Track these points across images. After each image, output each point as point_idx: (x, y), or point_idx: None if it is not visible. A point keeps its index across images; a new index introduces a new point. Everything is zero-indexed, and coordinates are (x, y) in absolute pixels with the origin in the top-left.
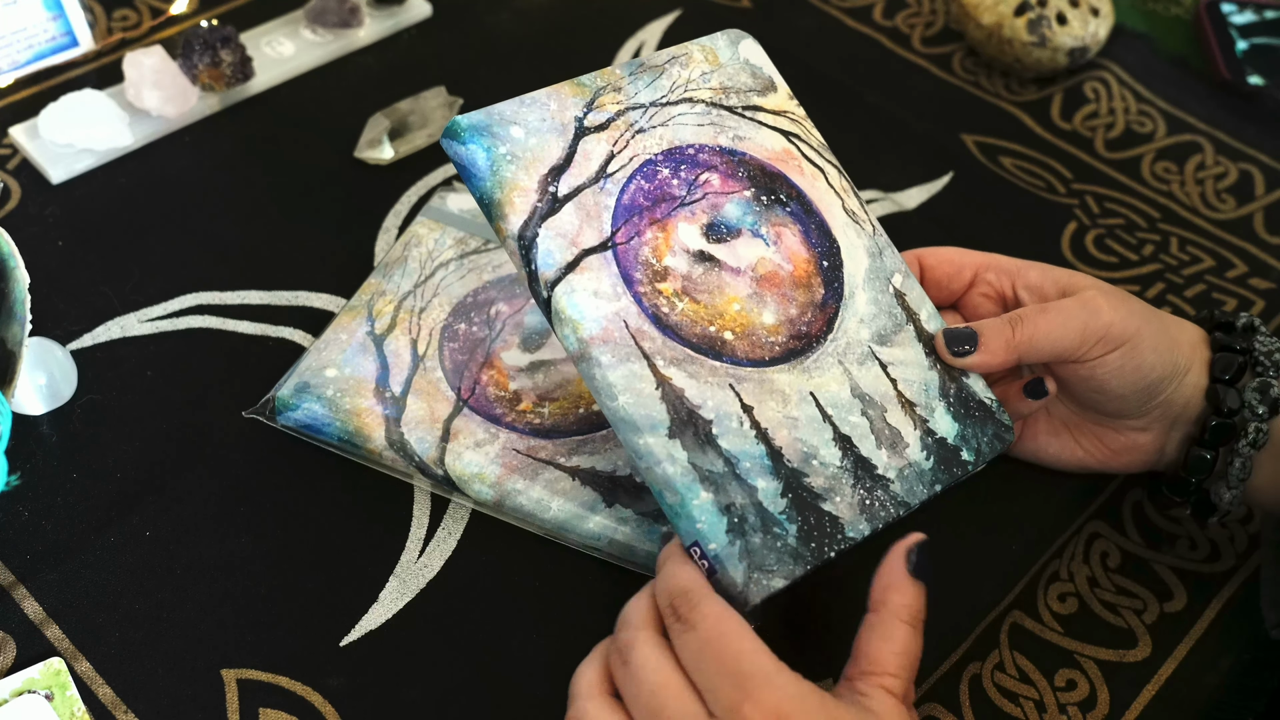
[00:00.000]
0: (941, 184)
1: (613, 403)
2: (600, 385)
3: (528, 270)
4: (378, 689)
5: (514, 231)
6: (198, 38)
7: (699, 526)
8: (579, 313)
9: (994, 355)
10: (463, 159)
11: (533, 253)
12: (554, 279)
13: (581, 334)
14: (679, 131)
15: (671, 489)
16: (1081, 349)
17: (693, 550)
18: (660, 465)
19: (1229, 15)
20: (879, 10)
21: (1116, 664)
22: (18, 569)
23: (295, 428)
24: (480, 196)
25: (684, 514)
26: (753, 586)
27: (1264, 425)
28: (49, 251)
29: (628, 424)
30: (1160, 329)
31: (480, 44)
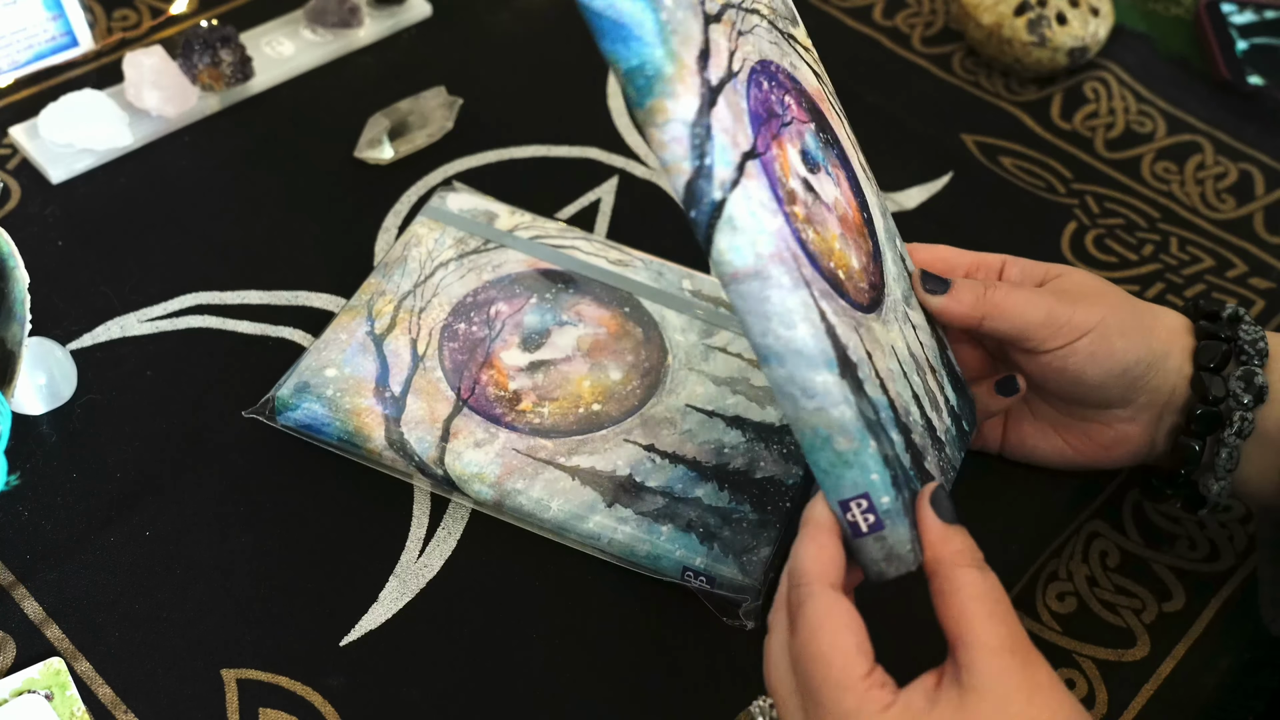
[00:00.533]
0: (941, 184)
1: (789, 331)
2: (776, 310)
3: (697, 164)
4: (378, 689)
5: (688, 116)
6: (198, 38)
7: (873, 478)
8: (758, 223)
9: (959, 304)
10: (624, 15)
11: (709, 145)
12: (731, 179)
13: (761, 249)
14: (760, 44)
15: (847, 434)
16: (1045, 330)
17: (856, 504)
18: (838, 407)
19: (1229, 15)
20: (879, 10)
21: (1115, 663)
22: (18, 569)
23: (295, 427)
24: (640, 65)
25: (858, 463)
26: (916, 547)
27: (1249, 414)
28: (49, 251)
29: (803, 358)
30: (1131, 315)
31: (480, 44)
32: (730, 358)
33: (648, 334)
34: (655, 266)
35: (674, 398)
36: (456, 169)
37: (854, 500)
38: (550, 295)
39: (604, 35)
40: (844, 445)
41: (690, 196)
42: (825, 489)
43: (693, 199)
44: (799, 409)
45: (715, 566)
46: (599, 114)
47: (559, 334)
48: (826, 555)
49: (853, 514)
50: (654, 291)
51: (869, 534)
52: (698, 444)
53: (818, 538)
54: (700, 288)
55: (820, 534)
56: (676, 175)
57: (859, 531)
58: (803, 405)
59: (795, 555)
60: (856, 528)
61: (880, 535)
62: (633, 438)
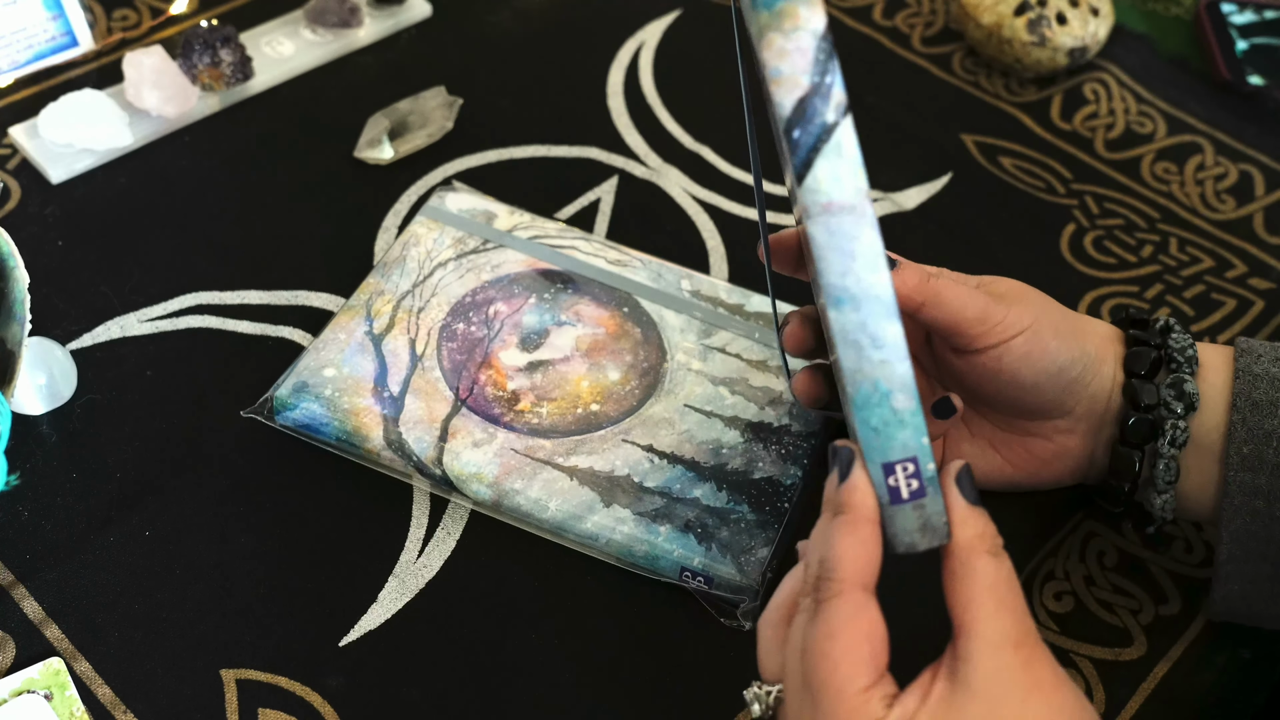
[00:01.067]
0: (941, 184)
1: (873, 275)
2: (864, 250)
3: (817, 80)
4: (377, 689)
5: (818, 28)
6: (198, 38)
7: (923, 441)
8: (857, 159)
9: (904, 285)
10: None
11: (831, 64)
12: (846, 104)
13: (861, 182)
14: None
15: (907, 392)
16: (980, 327)
17: (902, 467)
18: (903, 361)
19: (1229, 15)
20: (879, 10)
21: (1112, 663)
22: (18, 569)
23: (293, 427)
24: None
25: (913, 424)
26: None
27: (1181, 423)
28: (49, 251)
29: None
30: (1063, 318)
31: (480, 44)
32: (729, 358)
33: (646, 334)
34: (654, 267)
35: (672, 398)
36: (456, 169)
37: (900, 463)
38: (549, 295)
39: None
40: (902, 403)
41: (800, 114)
42: (870, 449)
43: (802, 117)
44: (863, 359)
45: (713, 567)
46: (599, 114)
47: (557, 334)
48: (867, 554)
49: (896, 478)
50: (653, 292)
51: (909, 501)
52: (696, 444)
53: (859, 530)
54: (699, 288)
55: (862, 526)
56: (790, 89)
57: (898, 498)
58: (869, 355)
59: (833, 544)
60: (897, 493)
61: (920, 503)
62: (631, 438)
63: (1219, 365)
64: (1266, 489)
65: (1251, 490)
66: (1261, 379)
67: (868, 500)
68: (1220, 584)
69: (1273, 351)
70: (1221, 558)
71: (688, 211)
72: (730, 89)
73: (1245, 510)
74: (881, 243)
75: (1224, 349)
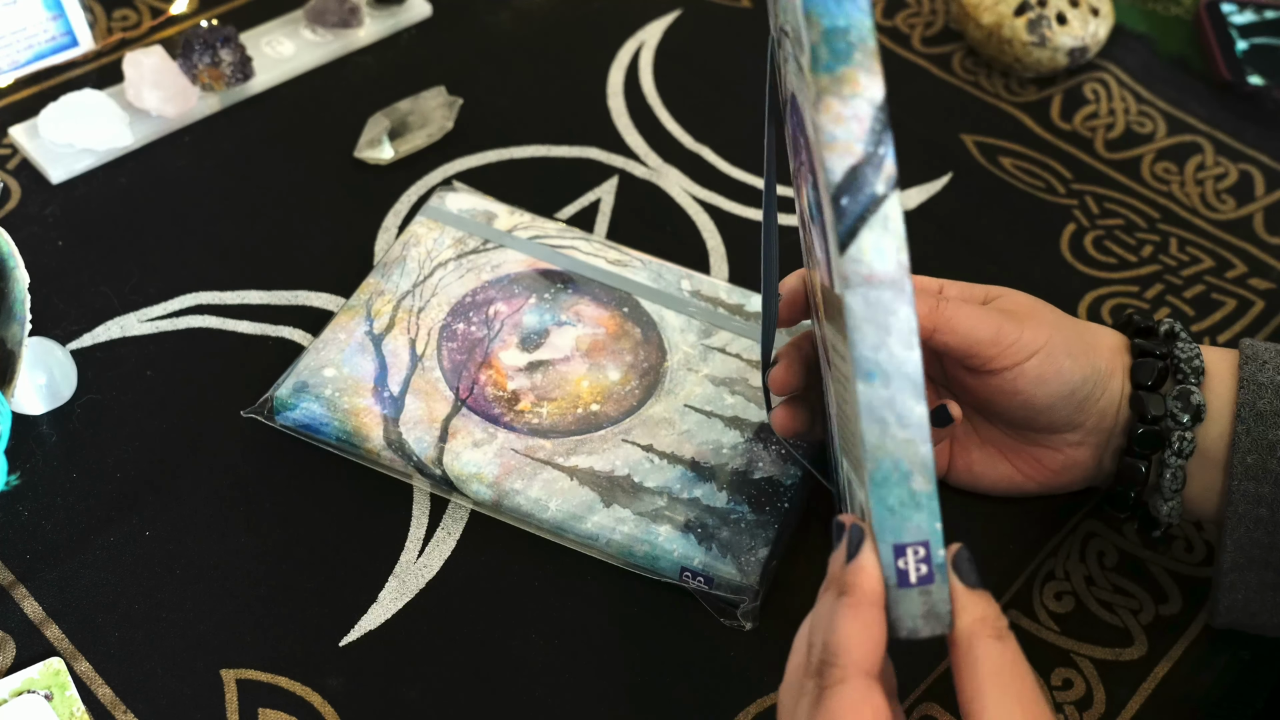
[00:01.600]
0: (941, 184)
1: (907, 351)
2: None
3: (870, 150)
4: (377, 689)
5: (877, 97)
6: (198, 38)
7: (937, 526)
8: (902, 234)
9: None
10: None
11: (885, 135)
12: (895, 177)
13: (903, 257)
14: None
15: (926, 475)
16: (994, 349)
17: (913, 550)
18: (926, 443)
19: (1229, 15)
20: (879, 10)
21: (1112, 663)
22: (18, 569)
23: (293, 427)
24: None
25: (929, 507)
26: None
27: (1188, 434)
28: (49, 251)
29: (910, 383)
30: (1075, 334)
31: (480, 44)
32: (729, 358)
33: (646, 334)
34: (654, 267)
35: (672, 398)
36: (456, 169)
37: (912, 546)
38: (549, 295)
39: None
40: (921, 485)
41: (850, 182)
42: (883, 529)
43: (852, 185)
44: (887, 436)
45: (713, 567)
46: (599, 114)
47: (558, 334)
48: (871, 639)
49: (906, 560)
50: (653, 292)
51: (916, 586)
52: (696, 444)
53: (863, 614)
54: (699, 288)
55: (867, 610)
56: (842, 155)
57: (906, 581)
58: (893, 434)
59: (837, 628)
60: (905, 576)
61: (927, 589)
62: (631, 438)
63: (1224, 374)
64: (1270, 498)
65: (1255, 499)
66: (1266, 388)
67: (875, 584)
68: (1224, 593)
69: (1278, 358)
70: (1225, 566)
71: (688, 211)
72: (730, 89)
73: (1249, 519)
74: (917, 320)
75: (1229, 354)
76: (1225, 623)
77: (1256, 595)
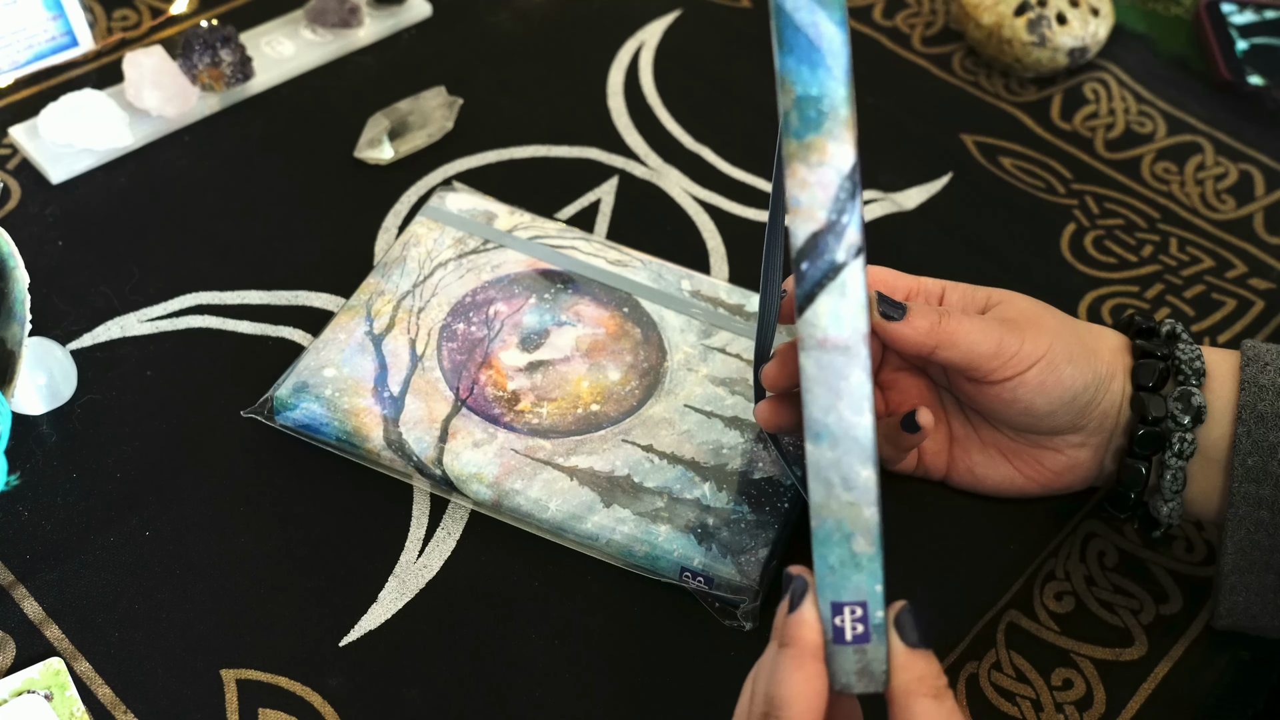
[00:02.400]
0: (941, 184)
1: (856, 416)
2: (851, 390)
3: (834, 218)
4: (377, 689)
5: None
6: (198, 38)
7: (876, 589)
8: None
9: (915, 331)
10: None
11: (851, 205)
12: (858, 246)
13: (859, 324)
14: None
15: (869, 538)
16: (995, 362)
17: (850, 609)
18: (871, 507)
19: (1229, 15)
20: (879, 10)
21: (1112, 663)
22: (18, 569)
23: (293, 427)
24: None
25: (869, 569)
26: (886, 672)
27: (1189, 435)
28: (49, 251)
29: (858, 447)
30: (1075, 340)
31: (480, 44)
32: (729, 358)
33: (646, 334)
34: (654, 267)
35: (672, 398)
36: (456, 169)
37: (850, 605)
38: (549, 295)
39: (792, 51)
40: (862, 548)
41: (811, 248)
42: (823, 585)
43: (813, 251)
44: (832, 497)
45: (713, 567)
46: (599, 114)
47: (558, 334)
48: (813, 690)
49: (843, 618)
50: (653, 292)
51: (851, 643)
52: (696, 444)
53: (805, 667)
54: (699, 288)
55: (808, 663)
56: (805, 221)
57: (841, 638)
58: (838, 495)
59: (779, 681)
60: (840, 633)
61: (862, 648)
62: (631, 438)
63: (1225, 375)
64: (1271, 500)
65: (1256, 501)
66: (1268, 390)
67: (814, 636)
68: (1225, 595)
69: (1279, 359)
70: (1226, 568)
71: (688, 211)
72: (730, 89)
73: (1249, 521)
74: (870, 385)
75: (1230, 355)
76: (1227, 625)
77: (1258, 598)
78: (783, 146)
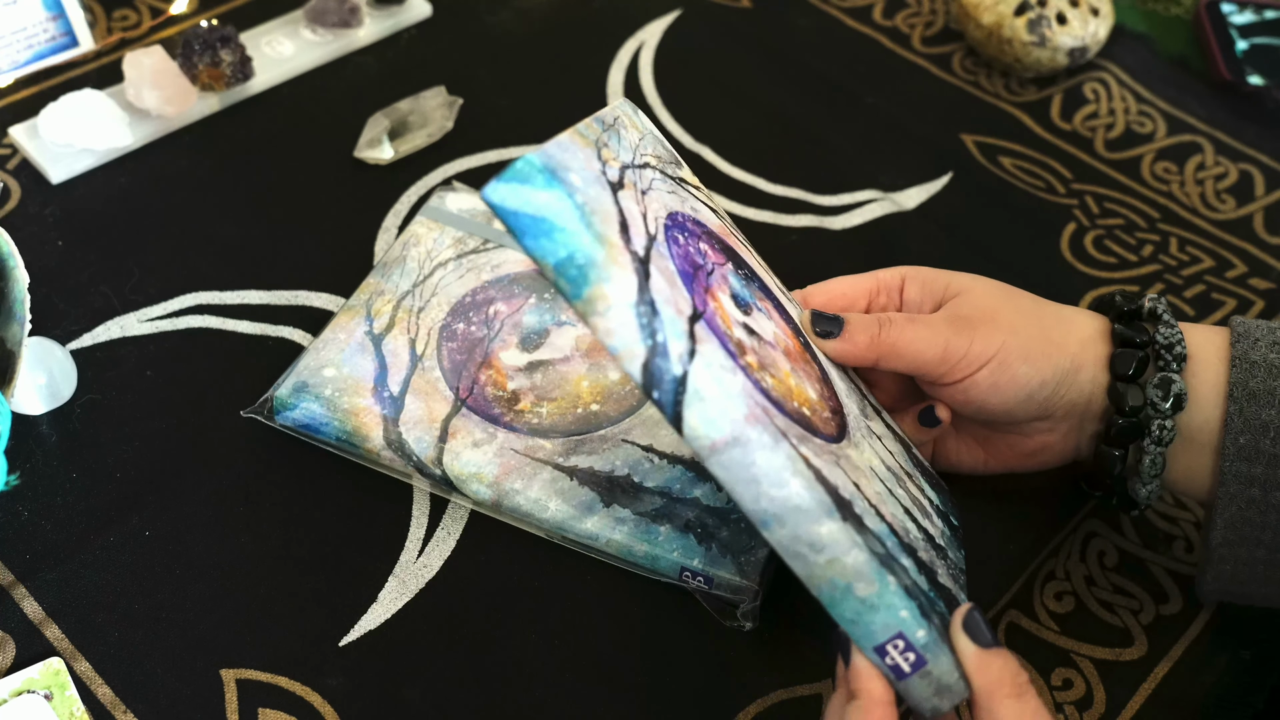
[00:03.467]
0: (941, 184)
1: (782, 490)
2: (763, 472)
3: (650, 343)
4: (377, 689)
5: (629, 297)
6: (198, 38)
7: (902, 615)
8: (723, 388)
9: (854, 346)
10: (542, 208)
11: (657, 321)
12: (687, 350)
13: (733, 414)
14: (662, 198)
15: (865, 579)
16: (943, 367)
17: (892, 645)
18: (849, 553)
19: (1229, 15)
20: (879, 10)
21: (1113, 663)
22: (18, 569)
23: (293, 427)
24: (570, 255)
25: (883, 604)
26: (962, 677)
27: (1168, 422)
28: (49, 251)
29: (803, 513)
30: (1037, 334)
31: (480, 44)
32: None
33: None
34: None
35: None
36: (456, 169)
37: (889, 643)
38: (549, 295)
39: (524, 233)
40: (865, 590)
41: (649, 378)
42: (857, 639)
43: (652, 380)
44: (811, 565)
45: (713, 567)
46: None
47: (557, 334)
48: None
49: (891, 657)
50: None
51: (913, 674)
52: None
53: (873, 712)
54: None
55: (876, 709)
56: (630, 360)
57: (903, 674)
58: (814, 561)
59: None
60: (899, 670)
61: (925, 671)
62: (631, 438)
63: (1210, 357)
64: (1262, 478)
65: (1247, 480)
66: (1259, 366)
67: (875, 683)
68: (1212, 566)
69: (1269, 335)
70: (1215, 542)
71: None
72: (730, 89)
73: (1241, 499)
74: (779, 457)
75: (1217, 332)
76: (1213, 593)
77: (1246, 568)
78: (575, 312)
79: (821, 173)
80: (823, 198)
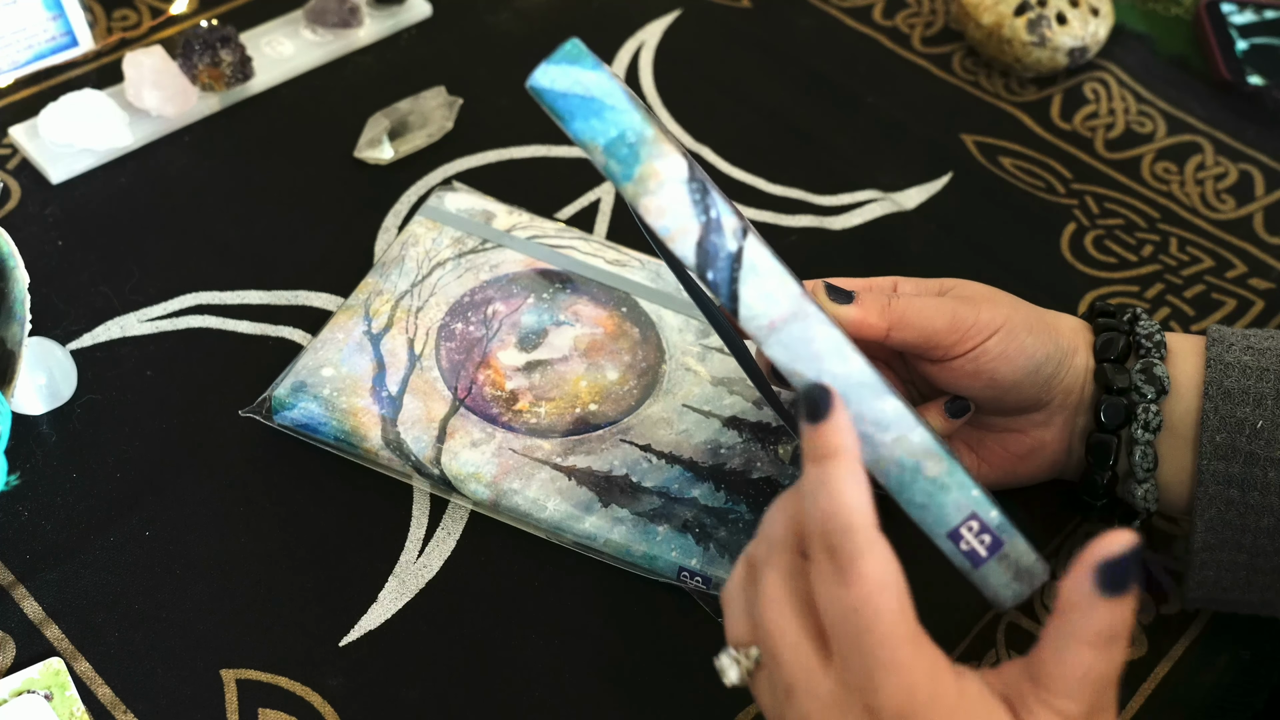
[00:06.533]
0: (941, 184)
1: (846, 364)
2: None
3: (704, 219)
4: (377, 689)
5: (681, 173)
6: (198, 38)
7: (974, 494)
8: (777, 264)
9: (867, 314)
10: (592, 88)
11: (709, 197)
12: (741, 226)
13: (791, 287)
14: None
15: (934, 456)
16: (953, 335)
17: (966, 528)
18: (915, 430)
19: (1229, 15)
20: (879, 10)
21: None
22: (18, 569)
23: (292, 427)
24: (621, 134)
25: (954, 483)
26: (1040, 558)
27: (1153, 406)
28: (49, 251)
29: (867, 388)
30: (1034, 315)
31: (480, 44)
32: (727, 358)
33: (645, 334)
34: (653, 267)
35: (671, 398)
36: (456, 169)
37: (963, 525)
38: (547, 295)
39: (574, 115)
40: (934, 469)
41: (704, 255)
42: (929, 526)
43: (707, 257)
44: (877, 446)
45: (711, 567)
46: None
47: (556, 334)
48: (868, 495)
49: (967, 541)
50: (651, 292)
51: (991, 557)
52: (694, 444)
53: (857, 472)
54: None
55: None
56: (684, 237)
57: (979, 559)
58: (880, 440)
59: (839, 494)
60: (975, 555)
61: (1003, 554)
62: (629, 438)
63: (1189, 353)
64: (1240, 478)
65: (1225, 479)
66: (1233, 367)
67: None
68: (1195, 572)
69: (1244, 339)
70: (1196, 545)
71: None
72: (730, 89)
73: (1219, 499)
74: (837, 331)
75: (1195, 338)
76: (1198, 601)
77: (1228, 573)
78: (625, 196)
79: (821, 173)
80: (823, 198)
